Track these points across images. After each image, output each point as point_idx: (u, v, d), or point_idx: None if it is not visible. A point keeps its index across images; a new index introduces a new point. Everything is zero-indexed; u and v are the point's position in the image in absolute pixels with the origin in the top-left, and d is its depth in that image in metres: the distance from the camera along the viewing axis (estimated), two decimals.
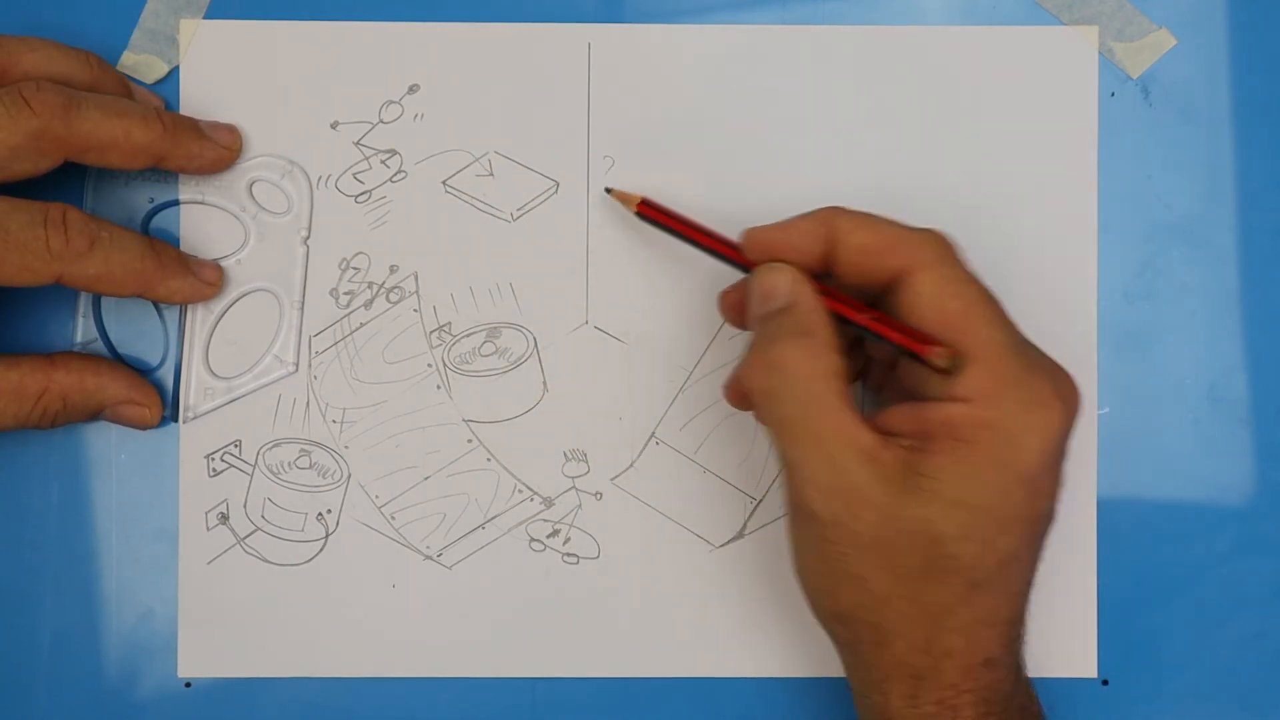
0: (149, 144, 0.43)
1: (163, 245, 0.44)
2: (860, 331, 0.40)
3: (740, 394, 0.43)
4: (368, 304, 0.48)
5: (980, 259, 0.41)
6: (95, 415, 0.45)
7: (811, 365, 0.38)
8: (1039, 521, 0.39)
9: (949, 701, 0.39)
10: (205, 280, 0.45)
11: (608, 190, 0.46)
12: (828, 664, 0.48)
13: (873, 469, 0.38)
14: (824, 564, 0.39)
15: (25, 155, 0.41)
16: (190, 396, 0.47)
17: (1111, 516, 0.47)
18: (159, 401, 0.46)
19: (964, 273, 0.40)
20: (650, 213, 0.44)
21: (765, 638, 0.48)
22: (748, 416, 0.47)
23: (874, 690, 0.40)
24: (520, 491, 0.48)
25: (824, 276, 0.41)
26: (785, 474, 0.39)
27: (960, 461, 0.37)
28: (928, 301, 0.39)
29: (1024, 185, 0.47)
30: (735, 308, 0.44)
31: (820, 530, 0.38)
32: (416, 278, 0.48)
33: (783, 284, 0.40)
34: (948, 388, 0.38)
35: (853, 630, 0.40)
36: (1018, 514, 0.38)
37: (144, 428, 0.46)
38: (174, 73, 0.47)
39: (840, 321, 0.40)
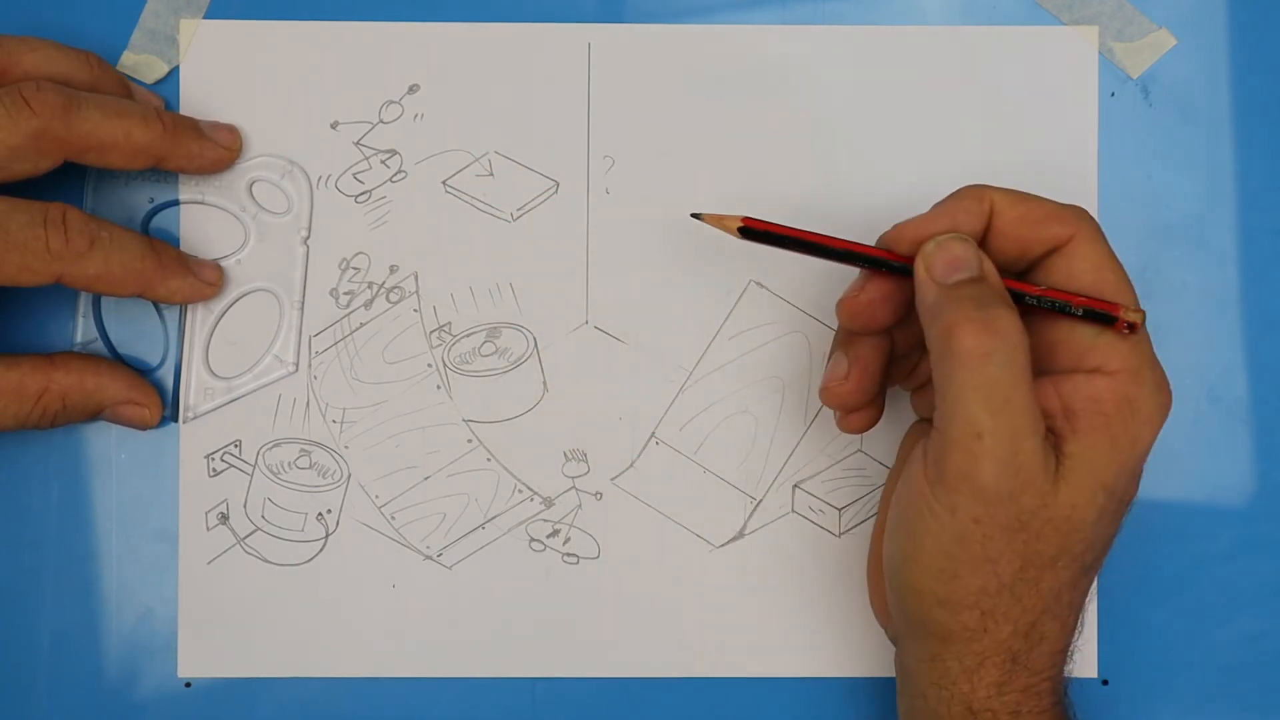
0: (149, 144, 0.43)
1: (163, 245, 0.44)
2: (1032, 304, 0.39)
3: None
4: (368, 304, 0.48)
5: None
6: (95, 415, 0.45)
7: (1023, 337, 0.37)
8: (1130, 505, 0.39)
9: (1034, 688, 0.39)
10: (205, 280, 0.45)
11: (695, 216, 0.42)
12: (828, 664, 0.48)
13: (1044, 456, 0.37)
14: (959, 545, 0.38)
15: (25, 155, 0.41)
16: (190, 396, 0.47)
17: None
18: (159, 401, 0.46)
19: (1110, 248, 0.40)
20: (756, 225, 0.41)
21: (765, 638, 0.48)
22: (748, 417, 0.47)
23: (961, 680, 0.39)
24: (520, 491, 0.48)
25: None
26: (960, 441, 0.37)
27: (1102, 439, 0.37)
28: (1092, 268, 0.39)
29: (1024, 185, 0.47)
30: (869, 308, 0.41)
31: (975, 508, 0.37)
32: (416, 278, 0.48)
33: (971, 254, 0.39)
34: (1092, 360, 0.38)
35: (957, 617, 0.39)
36: (1127, 497, 0.39)
37: (144, 428, 0.46)
38: (174, 73, 0.47)
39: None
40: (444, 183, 0.48)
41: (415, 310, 0.48)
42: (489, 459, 0.48)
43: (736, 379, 0.48)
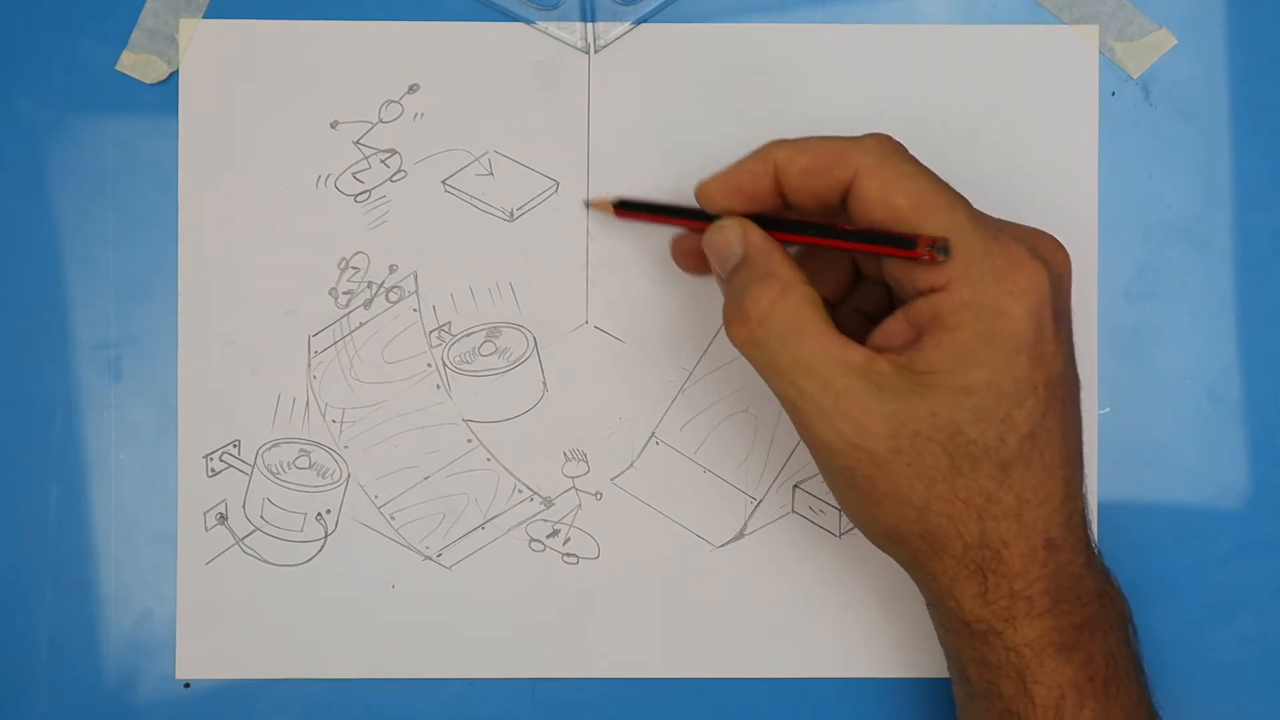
0: None
1: None
2: (843, 252, 0.40)
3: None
4: (367, 304, 0.47)
5: None
6: None
7: (781, 302, 0.38)
8: (1054, 387, 0.38)
9: (1021, 592, 0.39)
10: None
11: (587, 204, 0.47)
12: (828, 664, 0.48)
13: (869, 382, 0.38)
14: (855, 490, 0.39)
15: None
16: (598, 24, 0.46)
17: (1111, 516, 0.47)
18: None
19: (910, 168, 0.39)
20: (628, 214, 0.46)
21: (765, 638, 0.48)
22: (748, 417, 0.47)
23: (946, 597, 0.40)
24: (520, 491, 0.48)
25: (785, 210, 0.41)
26: (791, 417, 0.39)
27: (952, 348, 0.37)
28: (876, 202, 0.39)
29: (1024, 185, 0.47)
30: (688, 254, 0.44)
31: (838, 459, 0.38)
32: (416, 277, 0.48)
33: (732, 238, 0.40)
34: (924, 281, 0.38)
35: (907, 546, 0.39)
36: (1026, 384, 0.38)
37: None
38: (174, 73, 0.47)
39: (824, 250, 0.40)
40: (443, 182, 0.48)
41: (415, 310, 0.48)
42: (489, 459, 0.48)
43: (736, 379, 0.48)
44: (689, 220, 0.43)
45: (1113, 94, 0.48)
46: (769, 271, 0.39)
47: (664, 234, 0.47)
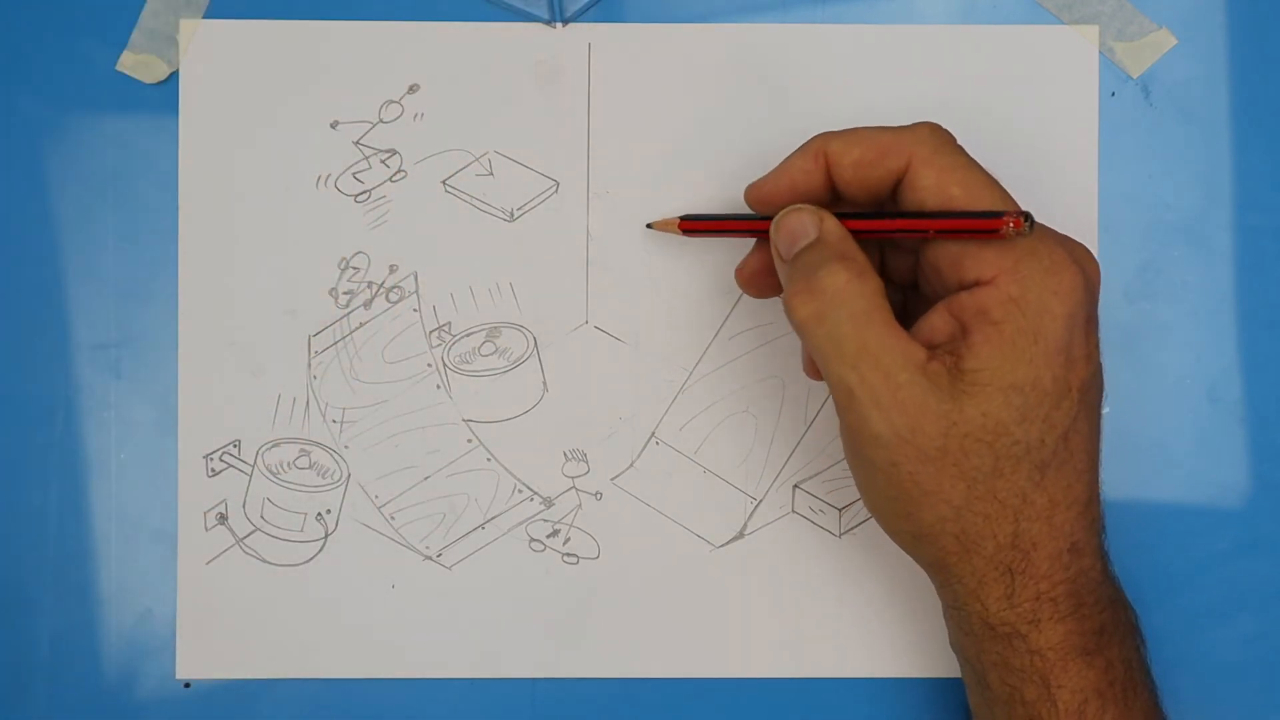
0: None
1: None
2: (871, 249, 0.40)
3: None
4: (367, 304, 0.47)
5: None
6: None
7: (859, 285, 0.38)
8: (1086, 390, 0.39)
9: (1046, 594, 0.39)
10: None
11: (649, 226, 0.46)
12: (827, 665, 0.48)
13: (929, 381, 0.38)
14: (894, 488, 0.38)
15: None
16: None
17: (1112, 516, 0.47)
18: None
19: (963, 159, 0.39)
20: (693, 230, 0.45)
21: (765, 638, 0.48)
22: (748, 417, 0.47)
23: (970, 600, 0.40)
24: (520, 491, 0.48)
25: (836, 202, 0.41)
26: (842, 402, 0.38)
27: (999, 344, 0.37)
28: (930, 192, 0.39)
29: (1024, 185, 0.47)
30: (754, 278, 0.44)
31: (886, 453, 0.38)
32: (416, 277, 0.48)
33: (809, 221, 0.40)
34: (972, 273, 0.38)
35: (937, 547, 0.39)
36: (1063, 385, 0.38)
37: None
38: (174, 73, 0.47)
39: (890, 244, 0.40)
40: (443, 182, 0.48)
41: (415, 310, 0.48)
42: (489, 459, 0.48)
43: (736, 379, 0.48)
44: (755, 224, 0.43)
45: (1113, 94, 0.48)
46: (847, 253, 0.39)
47: (664, 235, 0.47)
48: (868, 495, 0.40)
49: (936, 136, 0.40)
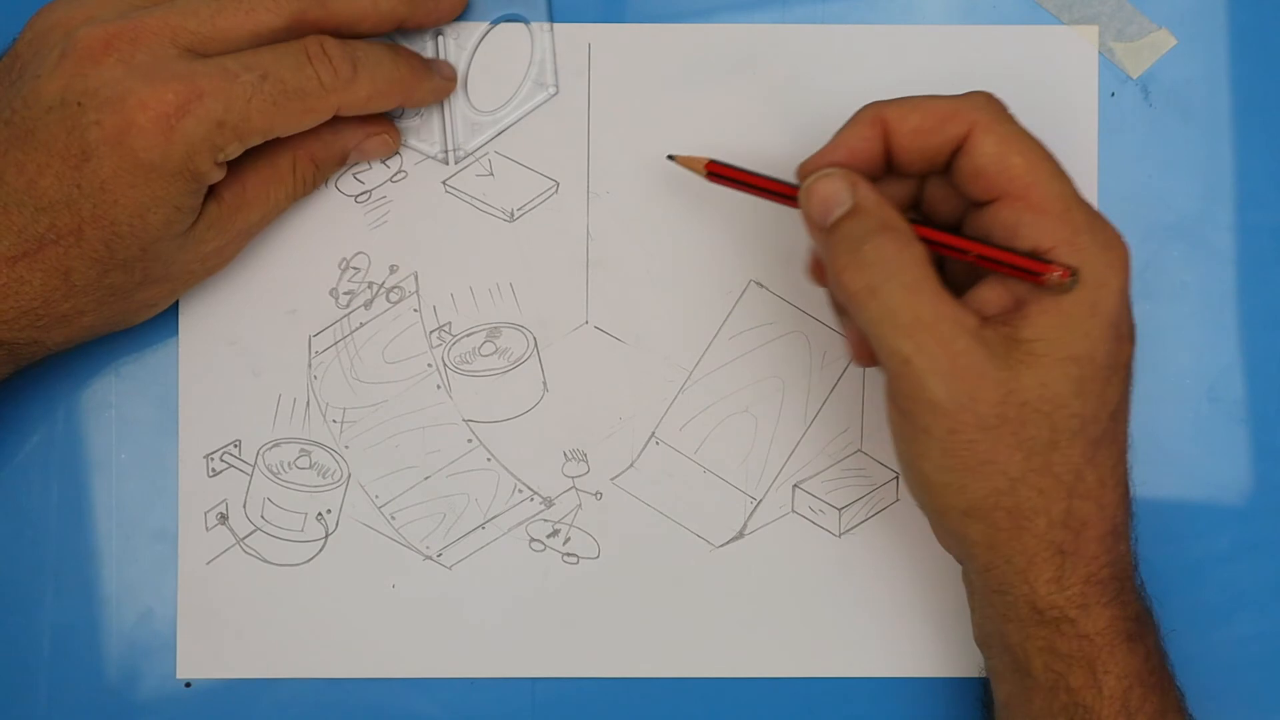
0: (393, 9, 0.43)
1: (405, 51, 0.44)
2: (959, 258, 0.39)
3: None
4: (368, 304, 0.48)
5: None
6: (343, 163, 0.46)
7: (907, 254, 0.38)
8: (1129, 368, 0.39)
9: (1094, 577, 0.39)
10: (445, 77, 0.46)
11: (670, 157, 0.44)
12: (827, 664, 0.48)
13: (985, 349, 0.37)
14: (951, 458, 0.38)
15: (283, 39, 0.41)
16: (457, 135, 0.46)
17: None
18: (395, 128, 0.46)
19: (1020, 129, 0.39)
20: (721, 170, 0.43)
21: (765, 638, 0.48)
22: (748, 417, 0.47)
23: (1018, 582, 0.39)
24: (520, 491, 0.48)
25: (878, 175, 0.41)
26: (897, 371, 0.38)
27: (1058, 316, 0.37)
28: (992, 160, 0.38)
29: None
30: (820, 267, 0.42)
31: (944, 421, 0.37)
32: (416, 278, 0.48)
33: (841, 188, 0.39)
34: (1030, 241, 0.38)
35: (988, 522, 0.39)
36: (1115, 360, 0.38)
37: (390, 154, 0.46)
38: None
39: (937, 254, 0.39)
40: (444, 183, 0.48)
41: (415, 310, 0.48)
42: (489, 459, 0.48)
43: (736, 379, 0.48)
44: (783, 188, 0.42)
45: (1112, 94, 0.48)
46: (890, 223, 0.38)
47: (664, 234, 0.47)
48: (920, 469, 0.39)
49: (995, 104, 0.39)
